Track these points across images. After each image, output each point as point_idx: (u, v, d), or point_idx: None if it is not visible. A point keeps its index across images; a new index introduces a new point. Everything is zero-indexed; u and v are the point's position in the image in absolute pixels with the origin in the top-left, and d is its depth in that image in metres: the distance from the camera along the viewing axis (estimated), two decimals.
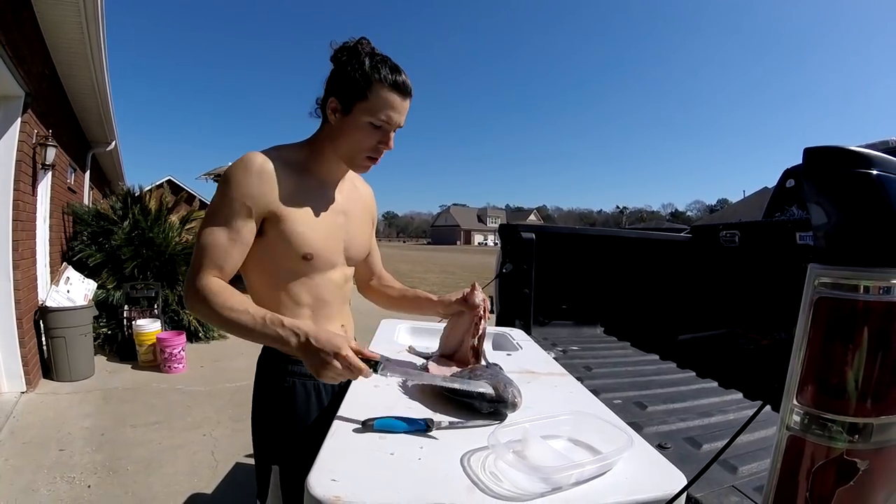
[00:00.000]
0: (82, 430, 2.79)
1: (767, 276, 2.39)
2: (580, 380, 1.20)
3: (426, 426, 0.78)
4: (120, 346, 4.36)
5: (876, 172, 0.60)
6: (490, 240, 75.38)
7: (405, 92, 0.95)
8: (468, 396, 0.87)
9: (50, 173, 4.13)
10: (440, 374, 0.99)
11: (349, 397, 0.91)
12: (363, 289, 1.34)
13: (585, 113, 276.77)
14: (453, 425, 0.82)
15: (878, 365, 0.59)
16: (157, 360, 4.06)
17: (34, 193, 3.69)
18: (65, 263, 4.38)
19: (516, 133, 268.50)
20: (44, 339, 3.62)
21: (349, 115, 0.95)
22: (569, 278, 2.45)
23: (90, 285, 4.23)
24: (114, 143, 6.72)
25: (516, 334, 1.59)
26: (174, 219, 5.21)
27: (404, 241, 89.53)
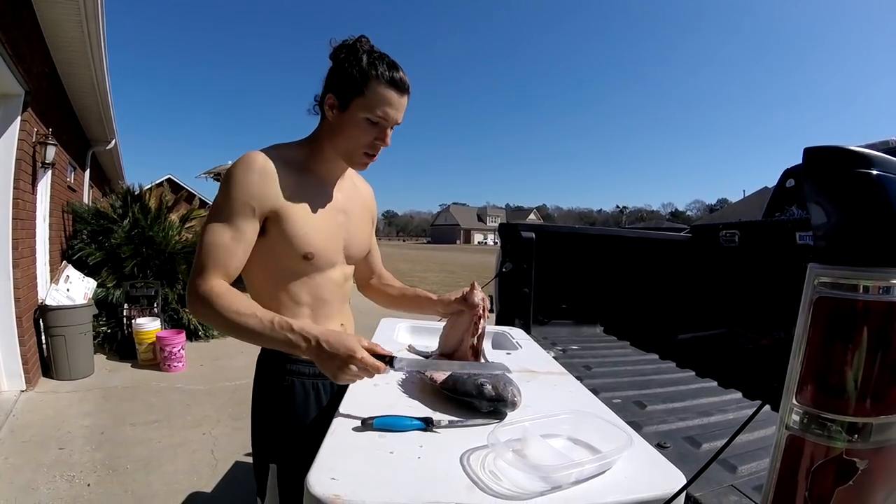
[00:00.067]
0: (82, 429, 2.79)
1: (767, 275, 2.39)
2: (580, 379, 1.20)
3: (426, 425, 0.79)
4: (120, 344, 4.36)
5: (876, 172, 0.60)
6: (490, 239, 75.38)
7: (402, 88, 0.95)
8: (468, 395, 0.87)
9: (50, 172, 4.12)
10: (440, 374, 0.99)
11: (349, 396, 0.91)
12: (363, 287, 1.34)
13: (585, 112, 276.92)
14: (453, 424, 0.82)
15: (878, 365, 0.59)
16: (156, 359, 4.06)
17: (34, 192, 3.68)
18: (64, 262, 4.38)
19: (516, 132, 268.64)
20: (43, 337, 3.62)
21: (346, 112, 0.95)
22: (568, 278, 2.46)
23: (90, 284, 4.23)
24: (113, 142, 6.72)
25: (516, 333, 1.59)
26: (174, 217, 5.21)
27: (404, 240, 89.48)
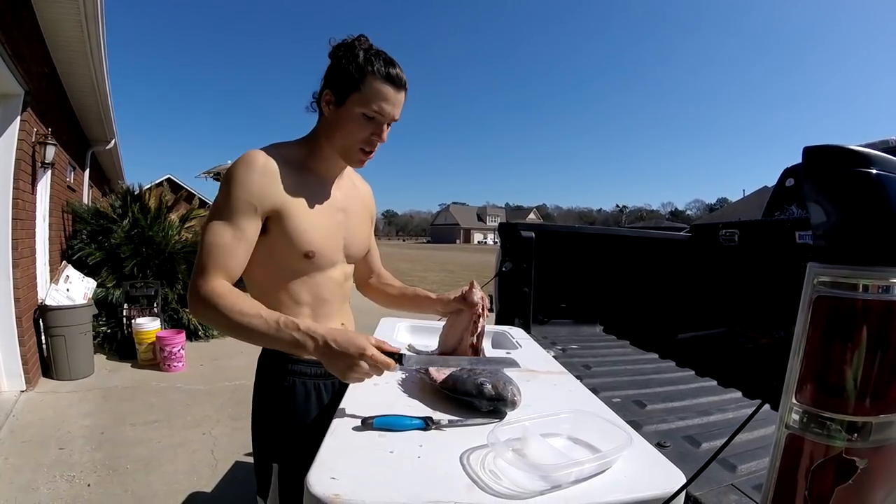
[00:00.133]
0: (82, 429, 2.79)
1: (767, 274, 2.39)
2: (579, 378, 1.20)
3: (425, 424, 0.79)
4: (119, 344, 4.36)
5: (875, 171, 0.60)
6: (490, 238, 75.38)
7: (398, 84, 0.95)
8: (468, 395, 0.87)
9: (49, 172, 4.12)
10: (441, 373, 0.99)
11: (349, 395, 0.91)
12: (362, 287, 1.34)
13: (585, 112, 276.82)
14: (453, 423, 0.82)
15: (877, 364, 0.59)
16: (156, 359, 4.06)
17: (34, 192, 3.68)
18: (64, 262, 4.38)
19: (516, 132, 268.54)
20: (43, 337, 3.62)
21: (343, 107, 0.95)
22: (568, 277, 2.46)
23: (90, 284, 4.23)
24: (113, 142, 6.72)
25: (516, 333, 1.59)
26: (174, 217, 5.21)
27: (404, 240, 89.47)
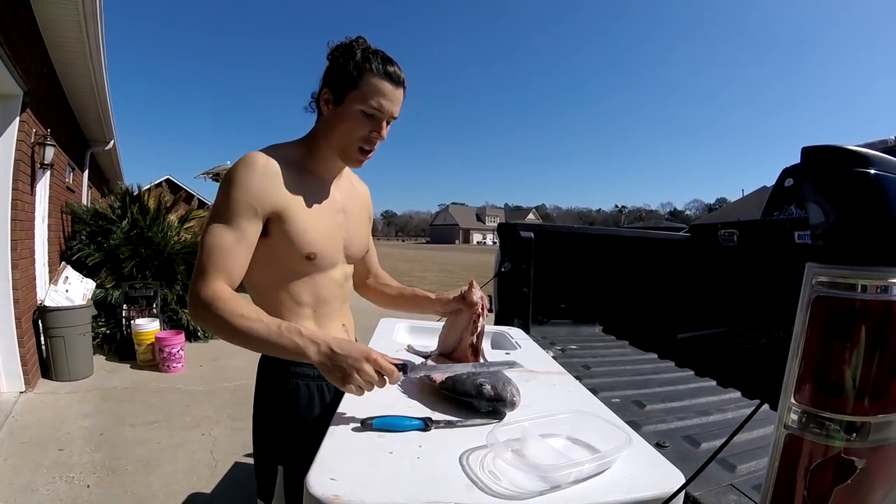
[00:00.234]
0: (81, 430, 2.78)
1: (766, 274, 2.39)
2: (579, 378, 1.20)
3: (425, 425, 0.79)
4: (119, 345, 4.36)
5: (874, 172, 0.60)
6: (489, 239, 75.40)
7: (396, 81, 0.95)
8: (467, 395, 0.87)
9: (48, 172, 4.11)
10: (439, 374, 0.99)
11: (348, 396, 0.91)
12: (360, 287, 1.33)
13: (585, 112, 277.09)
14: (452, 424, 0.82)
15: (876, 364, 0.59)
16: (155, 360, 4.06)
17: (33, 193, 3.68)
18: (63, 263, 4.37)
19: (515, 132, 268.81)
20: (42, 338, 3.61)
21: (341, 105, 0.95)
22: (567, 277, 2.46)
23: (89, 285, 4.22)
24: (112, 143, 6.71)
25: (515, 333, 1.59)
26: (173, 218, 5.21)
27: (403, 240, 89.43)
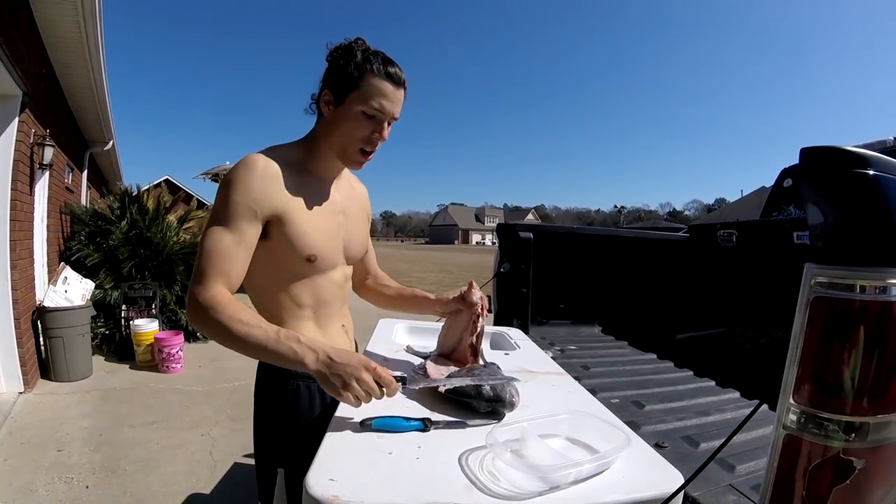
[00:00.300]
0: (80, 431, 2.78)
1: (765, 275, 2.39)
2: (578, 379, 1.20)
3: (424, 425, 0.79)
4: (118, 346, 4.35)
5: (872, 172, 0.60)
6: (488, 239, 75.45)
7: (397, 81, 0.95)
8: (466, 396, 0.87)
9: (47, 173, 4.11)
10: (439, 374, 0.99)
11: None
12: (359, 288, 1.33)
13: (584, 112, 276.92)
14: (451, 424, 0.82)
15: (875, 364, 0.60)
16: (154, 360, 4.06)
17: (32, 193, 3.67)
18: (62, 263, 4.36)
19: (515, 132, 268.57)
20: (41, 339, 3.61)
21: (342, 106, 0.95)
22: (566, 278, 2.46)
23: (88, 285, 4.22)
24: (111, 143, 6.70)
25: (514, 334, 1.59)
26: (172, 218, 5.21)
27: (402, 241, 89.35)
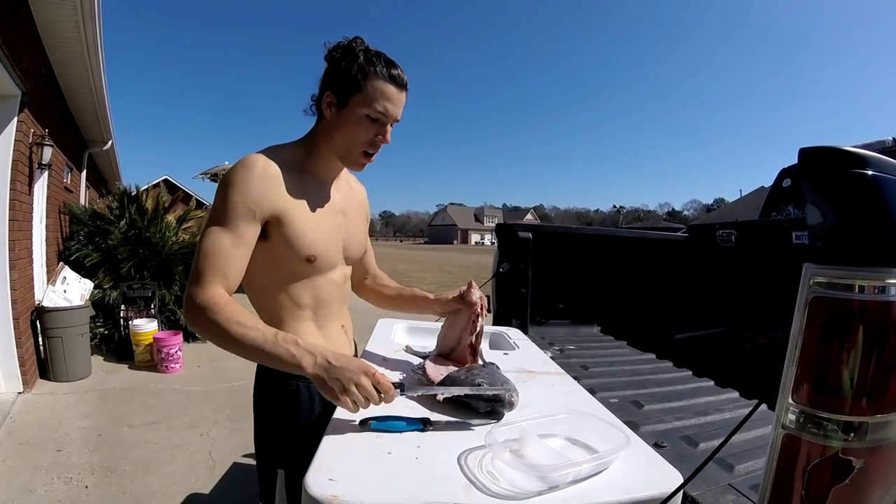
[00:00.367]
0: (80, 431, 2.78)
1: (764, 275, 2.40)
2: (577, 379, 1.20)
3: (423, 425, 0.78)
4: (117, 346, 4.35)
5: (871, 173, 0.60)
6: (487, 239, 75.45)
7: (400, 84, 0.95)
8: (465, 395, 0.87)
9: (46, 173, 4.11)
10: (438, 374, 0.99)
11: None
12: (358, 288, 1.33)
13: (584, 112, 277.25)
14: (450, 424, 0.82)
15: (873, 364, 0.60)
16: (154, 360, 4.05)
17: (31, 193, 3.67)
18: (61, 263, 4.36)
19: (514, 132, 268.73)
20: (40, 339, 3.60)
21: (345, 109, 0.95)
22: (566, 277, 2.46)
23: (87, 285, 4.21)
24: (110, 143, 6.70)
25: (513, 333, 1.59)
26: (171, 218, 5.20)
27: (401, 241, 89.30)
